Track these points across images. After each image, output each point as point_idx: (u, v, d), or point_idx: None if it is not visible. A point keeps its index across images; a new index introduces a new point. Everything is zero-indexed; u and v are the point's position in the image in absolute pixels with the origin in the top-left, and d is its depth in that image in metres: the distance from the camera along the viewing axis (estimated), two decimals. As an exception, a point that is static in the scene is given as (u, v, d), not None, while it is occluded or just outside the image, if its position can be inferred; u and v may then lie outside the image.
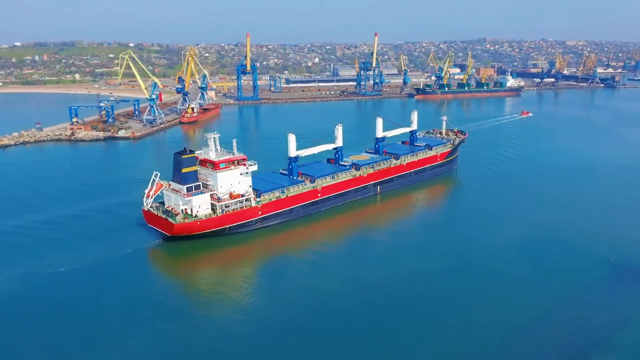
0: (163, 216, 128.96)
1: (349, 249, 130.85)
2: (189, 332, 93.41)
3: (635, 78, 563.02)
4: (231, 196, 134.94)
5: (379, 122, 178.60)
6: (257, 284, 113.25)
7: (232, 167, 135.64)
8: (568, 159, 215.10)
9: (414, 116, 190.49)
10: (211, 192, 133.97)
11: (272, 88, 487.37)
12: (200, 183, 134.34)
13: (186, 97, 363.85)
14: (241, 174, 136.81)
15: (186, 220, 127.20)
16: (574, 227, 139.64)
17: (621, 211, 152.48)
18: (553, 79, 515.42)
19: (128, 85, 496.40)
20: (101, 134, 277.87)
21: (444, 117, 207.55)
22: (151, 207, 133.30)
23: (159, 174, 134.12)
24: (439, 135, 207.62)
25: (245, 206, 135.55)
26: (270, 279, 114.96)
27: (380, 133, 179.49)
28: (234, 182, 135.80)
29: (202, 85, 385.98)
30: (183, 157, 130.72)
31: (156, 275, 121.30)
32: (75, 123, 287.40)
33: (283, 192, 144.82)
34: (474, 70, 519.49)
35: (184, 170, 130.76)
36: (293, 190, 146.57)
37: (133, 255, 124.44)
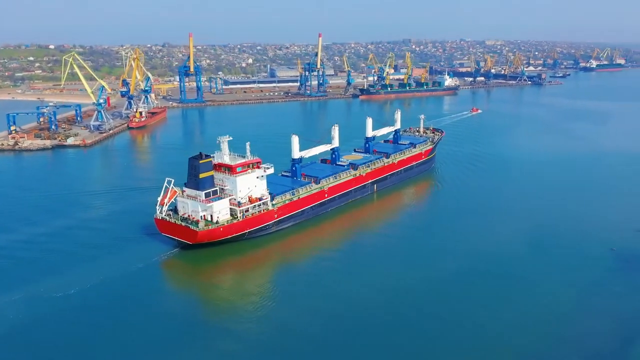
0: (182, 224, 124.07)
1: (363, 249, 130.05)
2: (223, 351, 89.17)
3: (557, 75, 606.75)
4: (250, 200, 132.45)
5: (369, 121, 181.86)
6: (282, 292, 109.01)
7: (249, 170, 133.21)
8: (536, 153, 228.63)
9: (398, 115, 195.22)
10: (229, 197, 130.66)
11: (212, 90, 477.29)
12: (218, 188, 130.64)
13: (131, 101, 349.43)
14: (257, 177, 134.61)
15: (209, 227, 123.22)
16: (567, 219, 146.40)
17: (607, 200, 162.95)
18: (483, 78, 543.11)
19: (55, 90, 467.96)
20: (48, 143, 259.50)
21: (422, 116, 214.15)
22: (166, 215, 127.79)
23: (173, 180, 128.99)
24: (416, 133, 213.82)
25: (263, 210, 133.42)
26: (294, 285, 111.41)
27: (370, 132, 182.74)
28: (251, 186, 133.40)
29: (146, 88, 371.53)
30: (200, 162, 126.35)
31: (179, 291, 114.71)
32: (14, 132, 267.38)
33: (293, 194, 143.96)
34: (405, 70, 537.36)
35: (202, 175, 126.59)
36: (303, 192, 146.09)
37: (146, 269, 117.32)
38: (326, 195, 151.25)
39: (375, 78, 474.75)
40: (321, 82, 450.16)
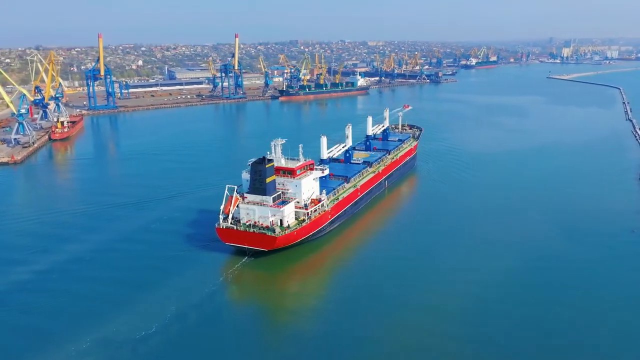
0: (256, 231, 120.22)
1: (415, 246, 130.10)
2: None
3: (448, 73, 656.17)
4: (313, 202, 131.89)
5: (369, 120, 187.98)
6: (376, 295, 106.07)
7: (308, 172, 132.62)
8: (492, 146, 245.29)
9: (386, 113, 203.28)
10: (294, 200, 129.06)
11: (117, 94, 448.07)
12: (281, 192, 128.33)
13: (46, 110, 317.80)
14: (314, 179, 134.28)
15: (285, 232, 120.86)
16: (574, 207, 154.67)
17: (593, 187, 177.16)
18: (382, 77, 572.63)
19: None
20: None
21: (400, 113, 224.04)
22: (232, 223, 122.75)
23: (236, 187, 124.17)
24: (396, 130, 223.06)
25: (321, 211, 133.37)
26: (379, 284, 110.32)
27: (370, 131, 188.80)
28: (310, 188, 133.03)
29: (57, 95, 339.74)
30: (266, 166, 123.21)
31: (269, 310, 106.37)
32: None
33: (334, 194, 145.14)
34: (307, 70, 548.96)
35: (268, 180, 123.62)
36: (342, 191, 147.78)
37: (222, 289, 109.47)
38: (359, 193, 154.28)
39: (285, 78, 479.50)
40: (239, 84, 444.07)
